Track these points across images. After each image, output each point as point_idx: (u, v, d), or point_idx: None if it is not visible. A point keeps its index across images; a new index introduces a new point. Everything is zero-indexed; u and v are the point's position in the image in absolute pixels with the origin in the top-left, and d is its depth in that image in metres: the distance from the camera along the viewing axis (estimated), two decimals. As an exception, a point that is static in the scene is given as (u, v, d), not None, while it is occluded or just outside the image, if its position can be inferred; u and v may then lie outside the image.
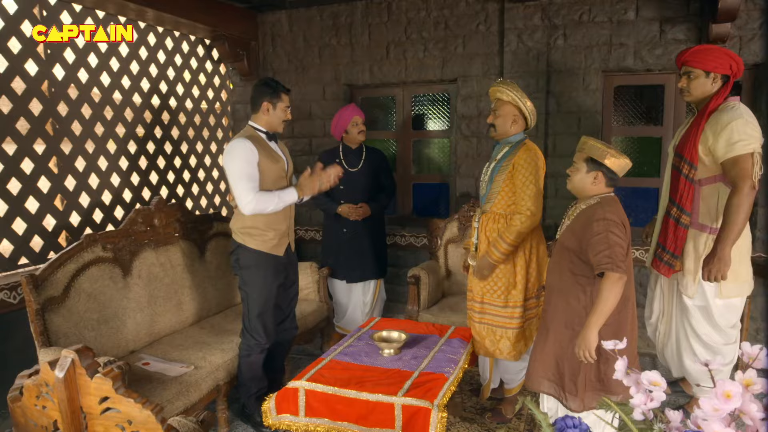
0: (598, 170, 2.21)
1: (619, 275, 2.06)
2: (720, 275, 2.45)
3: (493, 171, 2.79)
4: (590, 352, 2.10)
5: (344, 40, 4.40)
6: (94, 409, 1.31)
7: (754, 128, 2.43)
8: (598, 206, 2.19)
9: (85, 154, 3.35)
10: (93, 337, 2.64)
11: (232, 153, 2.67)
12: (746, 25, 3.39)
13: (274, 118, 2.80)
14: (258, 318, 2.79)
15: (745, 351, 0.93)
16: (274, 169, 2.78)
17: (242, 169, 2.64)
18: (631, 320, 2.27)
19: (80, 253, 2.70)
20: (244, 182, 2.62)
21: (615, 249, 2.07)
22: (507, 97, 2.73)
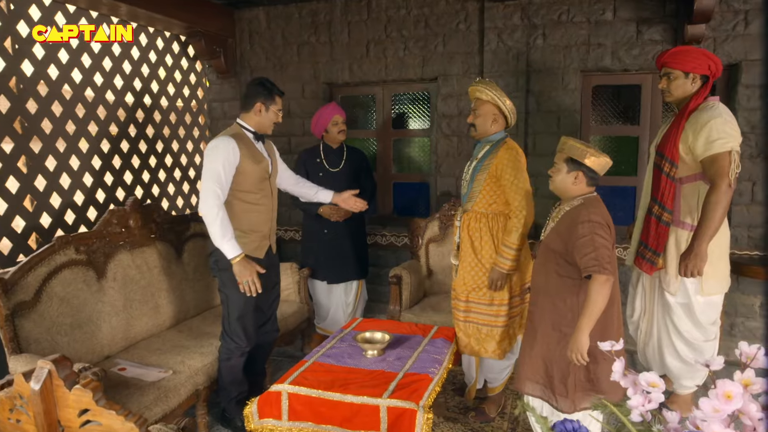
0: (579, 170, 2.22)
1: (606, 277, 2.07)
2: (696, 271, 2.50)
3: (474, 170, 2.79)
4: (582, 354, 2.11)
5: (323, 37, 4.35)
6: (72, 423, 1.25)
7: (732, 127, 2.49)
8: (582, 208, 2.20)
9: (55, 153, 3.24)
10: (66, 342, 2.55)
11: (214, 151, 2.61)
12: (720, 27, 3.46)
13: (265, 120, 2.75)
14: (238, 321, 2.73)
15: (743, 351, 0.93)
16: (257, 170, 2.72)
17: (216, 173, 2.58)
18: (618, 319, 2.28)
19: (52, 255, 2.61)
20: (212, 185, 2.57)
21: (601, 251, 2.08)
22: (486, 96, 2.73)
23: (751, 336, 3.63)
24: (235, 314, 2.73)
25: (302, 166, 3.75)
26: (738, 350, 0.95)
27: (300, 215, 4.11)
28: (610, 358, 1.98)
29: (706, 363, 0.93)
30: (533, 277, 2.45)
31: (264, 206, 2.80)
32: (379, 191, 4.53)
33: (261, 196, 2.77)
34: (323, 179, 3.72)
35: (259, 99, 2.72)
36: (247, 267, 2.61)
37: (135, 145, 3.89)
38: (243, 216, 2.71)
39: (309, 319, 3.78)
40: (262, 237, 2.80)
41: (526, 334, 2.47)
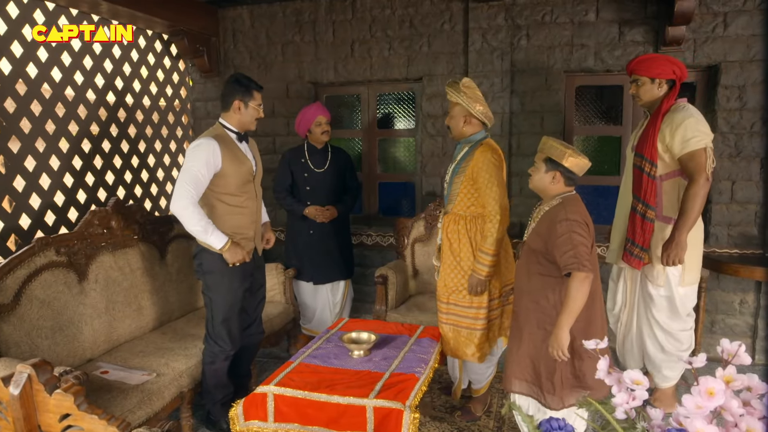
0: (556, 170, 2.25)
1: (586, 274, 2.11)
2: (678, 259, 2.67)
3: (453, 172, 2.78)
4: (563, 350, 2.15)
5: (308, 37, 4.33)
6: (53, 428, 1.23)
7: (704, 126, 2.67)
8: (561, 207, 2.23)
9: (35, 153, 3.18)
10: (47, 345, 2.50)
11: (194, 152, 2.57)
12: (700, 29, 3.51)
13: (246, 117, 2.71)
14: (222, 324, 2.71)
15: (724, 348, 0.94)
16: (240, 171, 2.68)
17: (194, 174, 2.54)
18: (601, 316, 2.32)
19: (31, 257, 2.56)
20: (187, 186, 2.53)
21: (579, 249, 2.12)
22: (455, 99, 2.69)
23: (732, 333, 3.70)
24: (220, 317, 2.70)
25: (287, 166, 3.73)
26: (719, 347, 0.97)
27: (284, 215, 4.10)
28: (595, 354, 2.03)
29: (689, 360, 0.95)
30: (516, 277, 2.46)
31: (248, 209, 2.76)
32: (364, 191, 4.53)
33: (245, 199, 2.73)
34: (308, 180, 3.71)
35: (237, 96, 2.67)
36: (239, 251, 2.63)
37: (117, 145, 3.84)
38: (227, 219, 2.68)
39: (295, 320, 3.76)
40: (247, 239, 2.77)
41: (512, 333, 2.50)
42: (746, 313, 3.67)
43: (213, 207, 2.66)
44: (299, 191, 3.75)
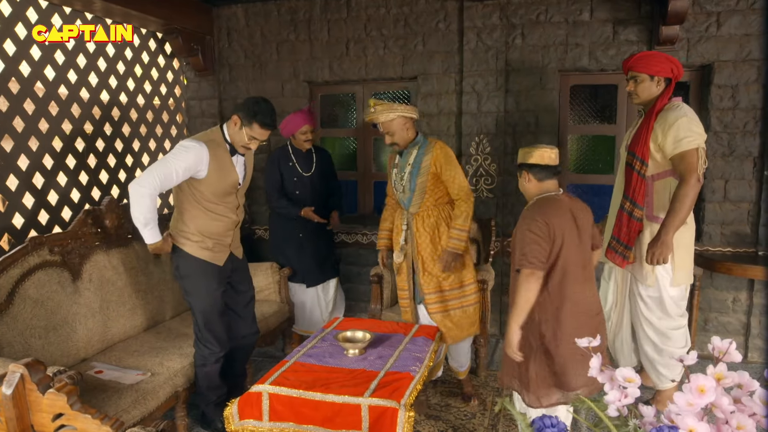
0: (523, 170, 2.35)
1: (531, 271, 2.16)
2: (662, 258, 2.66)
3: (412, 175, 2.93)
4: (512, 348, 2.21)
5: (303, 35, 4.33)
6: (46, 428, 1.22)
7: (697, 125, 2.65)
8: (528, 208, 2.31)
9: (28, 152, 3.16)
10: (41, 345, 2.49)
11: (182, 152, 2.53)
12: (693, 28, 3.53)
13: (236, 137, 2.65)
14: (206, 327, 2.71)
15: (715, 345, 0.95)
16: (221, 184, 2.65)
17: (171, 168, 2.49)
18: (575, 316, 2.25)
19: (25, 257, 2.55)
20: (158, 176, 2.47)
21: (529, 247, 2.17)
22: (392, 116, 2.84)
23: (724, 331, 3.72)
24: (202, 321, 2.71)
25: (276, 167, 3.74)
26: (711, 345, 0.97)
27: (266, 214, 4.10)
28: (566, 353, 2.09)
29: (680, 358, 0.95)
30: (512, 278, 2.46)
31: (226, 219, 2.73)
32: (359, 190, 4.53)
33: (223, 208, 2.71)
34: (297, 184, 3.74)
35: (239, 112, 2.62)
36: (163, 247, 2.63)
37: (111, 143, 3.82)
38: (200, 222, 2.67)
39: (290, 319, 3.76)
40: (222, 246, 2.75)
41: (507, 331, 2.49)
42: (739, 311, 3.69)
43: (188, 209, 2.65)
44: (288, 194, 3.77)
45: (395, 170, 3.04)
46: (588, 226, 2.35)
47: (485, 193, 4.06)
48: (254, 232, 4.60)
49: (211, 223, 2.67)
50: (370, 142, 4.47)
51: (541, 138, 3.89)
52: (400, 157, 3.02)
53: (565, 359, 2.21)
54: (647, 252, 2.70)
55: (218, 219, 2.69)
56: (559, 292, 2.24)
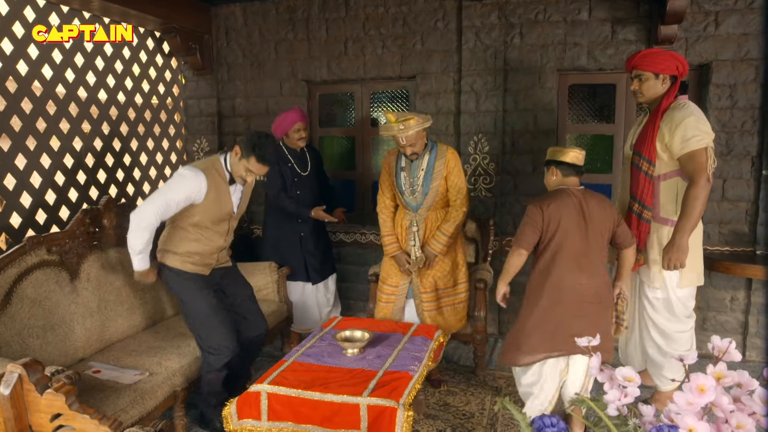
0: (550, 165, 2.63)
1: (516, 248, 2.57)
2: (679, 263, 2.58)
3: (426, 180, 3.04)
4: (497, 296, 2.70)
5: (301, 35, 4.32)
6: (45, 428, 1.22)
7: (705, 124, 2.58)
8: (541, 197, 2.60)
9: (25, 151, 3.15)
10: (38, 345, 2.48)
11: (181, 181, 2.60)
12: (692, 27, 3.53)
13: (236, 167, 2.71)
14: (207, 334, 2.70)
15: (715, 344, 0.95)
16: (216, 212, 2.72)
17: (170, 198, 2.57)
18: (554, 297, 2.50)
19: (22, 256, 2.53)
20: (159, 208, 2.55)
21: (521, 228, 2.56)
22: (411, 130, 2.87)
23: (723, 330, 3.72)
24: (203, 329, 2.71)
25: (276, 169, 3.73)
26: (710, 344, 0.97)
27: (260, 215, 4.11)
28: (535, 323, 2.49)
29: (680, 357, 0.95)
30: None
31: (214, 244, 2.81)
32: (358, 189, 4.53)
33: (213, 234, 2.78)
34: (298, 183, 3.75)
35: (241, 144, 2.68)
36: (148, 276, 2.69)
37: (109, 143, 3.81)
38: (188, 244, 2.73)
39: (288, 318, 3.76)
40: (207, 263, 2.82)
41: None
42: (737, 310, 3.70)
43: (178, 230, 2.72)
44: (290, 195, 3.76)
45: (403, 174, 3.08)
46: (601, 219, 2.51)
47: (484, 192, 4.06)
48: (253, 231, 4.60)
49: (198, 246, 2.75)
50: (368, 141, 4.46)
51: (539, 137, 3.89)
52: (407, 160, 3.07)
53: (534, 328, 2.53)
54: (663, 258, 2.62)
55: (207, 244, 2.77)
56: (544, 273, 2.53)
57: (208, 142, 4.65)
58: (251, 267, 3.73)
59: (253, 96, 4.52)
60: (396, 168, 3.14)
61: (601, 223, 2.50)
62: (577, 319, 2.47)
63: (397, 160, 3.14)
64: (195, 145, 4.69)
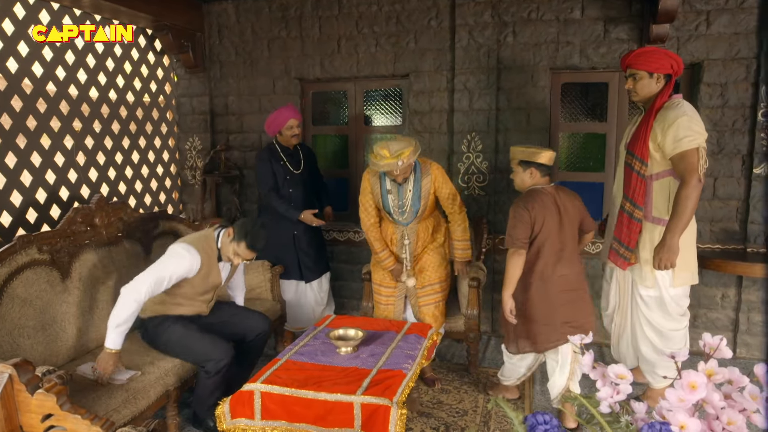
0: (530, 167, 2.74)
1: (515, 250, 2.66)
2: (669, 263, 2.59)
3: (414, 199, 3.10)
4: (506, 312, 2.72)
5: (294, 32, 4.31)
6: (36, 428, 1.21)
7: (698, 124, 2.57)
8: (521, 197, 2.75)
9: (15, 149, 3.12)
10: (29, 345, 2.46)
11: (177, 260, 2.64)
12: (683, 27, 3.55)
13: (225, 248, 2.78)
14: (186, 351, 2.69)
15: (706, 342, 0.95)
16: (204, 286, 2.79)
17: (165, 275, 2.58)
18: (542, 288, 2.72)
19: (12, 256, 2.51)
20: (151, 285, 2.53)
21: (514, 230, 2.66)
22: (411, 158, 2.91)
23: (713, 327, 3.75)
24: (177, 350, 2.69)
25: (268, 165, 3.72)
26: (702, 341, 0.98)
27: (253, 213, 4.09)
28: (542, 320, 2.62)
29: (672, 355, 0.96)
30: None
31: (195, 308, 2.85)
32: (351, 188, 4.52)
33: (196, 302, 2.83)
34: (290, 182, 3.74)
35: (236, 227, 2.76)
36: (110, 362, 2.41)
37: (100, 141, 3.78)
38: (169, 307, 2.77)
39: (282, 317, 3.75)
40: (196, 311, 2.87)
41: None
42: (728, 307, 3.73)
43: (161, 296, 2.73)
44: (282, 194, 3.76)
45: (390, 196, 3.12)
46: (573, 211, 2.75)
47: (477, 191, 4.06)
48: (246, 230, 4.58)
49: (179, 309, 2.78)
50: (361, 139, 4.46)
51: (532, 135, 3.90)
52: (393, 183, 3.09)
53: (533, 321, 2.72)
54: (654, 257, 2.63)
55: (188, 308, 2.81)
56: (531, 268, 2.70)
57: (201, 140, 4.63)
58: (245, 266, 3.73)
59: (246, 94, 4.50)
60: (380, 191, 3.15)
61: (573, 215, 2.75)
62: (564, 306, 2.71)
63: (381, 183, 3.14)
64: (187, 144, 4.67)
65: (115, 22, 3.69)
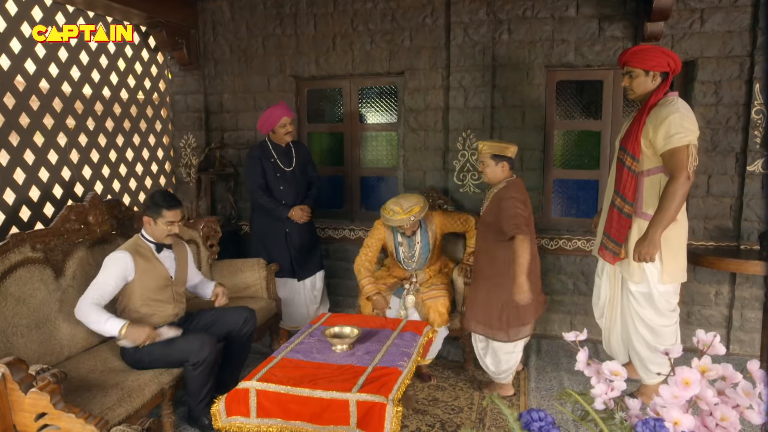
0: (503, 161, 3.00)
1: (524, 236, 2.82)
2: (649, 257, 2.61)
3: (423, 250, 3.39)
4: (525, 296, 2.82)
5: (289, 30, 4.29)
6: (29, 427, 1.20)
7: (690, 122, 2.58)
8: (506, 189, 2.98)
9: (8, 147, 3.10)
10: (23, 344, 2.45)
11: (108, 265, 2.66)
12: (678, 24, 3.56)
13: (156, 231, 2.78)
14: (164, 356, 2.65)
15: (700, 338, 0.96)
16: (152, 281, 2.76)
17: (102, 283, 2.63)
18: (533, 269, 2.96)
19: (6, 254, 2.50)
20: (92, 297, 2.58)
21: (518, 218, 2.85)
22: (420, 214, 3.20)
23: (707, 324, 3.77)
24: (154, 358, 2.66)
25: (259, 165, 3.72)
26: (695, 338, 0.98)
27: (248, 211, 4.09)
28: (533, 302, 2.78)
29: (665, 351, 0.96)
30: (477, 243, 3.16)
31: (163, 311, 2.82)
32: (346, 185, 4.52)
33: (159, 303, 2.80)
34: (280, 179, 3.73)
35: (146, 214, 2.77)
36: (138, 330, 2.56)
37: (94, 138, 3.76)
38: (143, 312, 2.75)
39: (277, 315, 3.75)
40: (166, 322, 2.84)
41: (471, 286, 3.19)
42: (721, 304, 3.75)
43: (129, 311, 2.74)
44: (271, 191, 3.75)
45: (402, 248, 3.41)
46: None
47: (472, 188, 4.07)
48: (241, 228, 4.57)
49: (151, 319, 2.75)
50: (357, 137, 4.45)
51: (527, 133, 3.91)
52: (403, 236, 3.37)
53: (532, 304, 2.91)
54: (634, 250, 2.66)
55: (155, 313, 2.79)
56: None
57: (195, 138, 4.61)
58: (240, 263, 3.72)
59: (241, 91, 4.49)
60: (394, 244, 3.43)
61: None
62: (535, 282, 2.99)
63: (394, 236, 3.42)
64: (182, 141, 4.65)
65: (109, 19, 3.66)
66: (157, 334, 2.61)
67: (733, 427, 0.89)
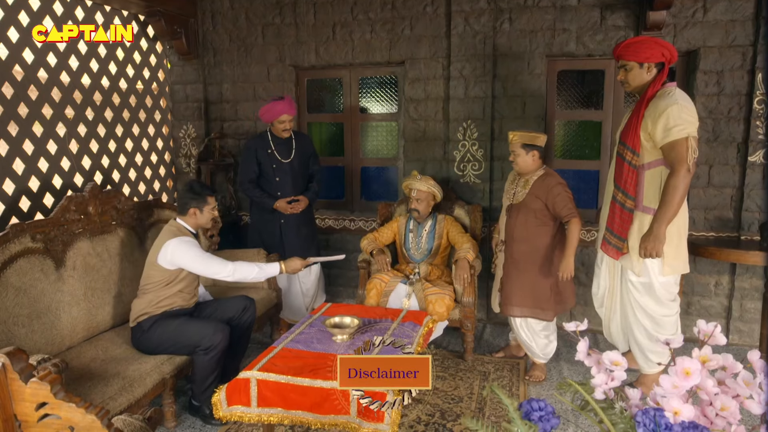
0: (534, 150, 3.06)
1: (577, 219, 2.98)
2: (655, 252, 2.59)
3: (429, 239, 3.62)
4: (571, 273, 2.97)
5: (288, 19, 4.26)
6: (30, 417, 1.20)
7: (689, 113, 2.55)
8: (550, 176, 3.08)
9: (7, 137, 3.09)
10: (24, 334, 2.46)
11: (180, 248, 2.72)
12: (680, 13, 3.53)
13: (202, 220, 2.89)
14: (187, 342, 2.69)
15: (700, 328, 0.96)
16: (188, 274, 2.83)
17: (199, 254, 2.74)
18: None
19: (6, 244, 2.50)
20: (210, 260, 2.74)
21: (570, 203, 3.01)
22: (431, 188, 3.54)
23: (707, 314, 3.78)
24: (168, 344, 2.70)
25: (253, 157, 3.72)
26: (696, 328, 0.98)
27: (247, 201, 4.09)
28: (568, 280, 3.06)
29: (666, 341, 0.96)
30: (513, 230, 3.15)
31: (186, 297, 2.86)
32: (346, 176, 4.51)
33: (187, 293, 2.86)
34: (277, 171, 3.73)
35: (192, 204, 2.82)
36: (293, 263, 2.98)
37: (93, 129, 3.75)
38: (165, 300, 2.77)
39: (277, 305, 3.75)
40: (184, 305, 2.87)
41: (506, 275, 3.22)
42: (721, 294, 3.76)
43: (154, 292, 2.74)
44: (268, 182, 3.75)
45: (411, 235, 3.66)
46: None
47: (473, 179, 4.06)
48: (240, 218, 4.57)
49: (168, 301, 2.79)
50: (357, 127, 4.44)
51: (528, 123, 3.89)
52: (415, 223, 3.66)
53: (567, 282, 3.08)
54: (640, 246, 2.64)
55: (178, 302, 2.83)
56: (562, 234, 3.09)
57: (195, 128, 4.59)
58: (240, 254, 3.72)
59: (240, 81, 4.46)
60: (405, 231, 3.68)
61: None
62: None
63: (406, 224, 3.68)
64: (181, 132, 4.63)
65: (107, 9, 3.63)
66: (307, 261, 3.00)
67: (733, 417, 0.89)
